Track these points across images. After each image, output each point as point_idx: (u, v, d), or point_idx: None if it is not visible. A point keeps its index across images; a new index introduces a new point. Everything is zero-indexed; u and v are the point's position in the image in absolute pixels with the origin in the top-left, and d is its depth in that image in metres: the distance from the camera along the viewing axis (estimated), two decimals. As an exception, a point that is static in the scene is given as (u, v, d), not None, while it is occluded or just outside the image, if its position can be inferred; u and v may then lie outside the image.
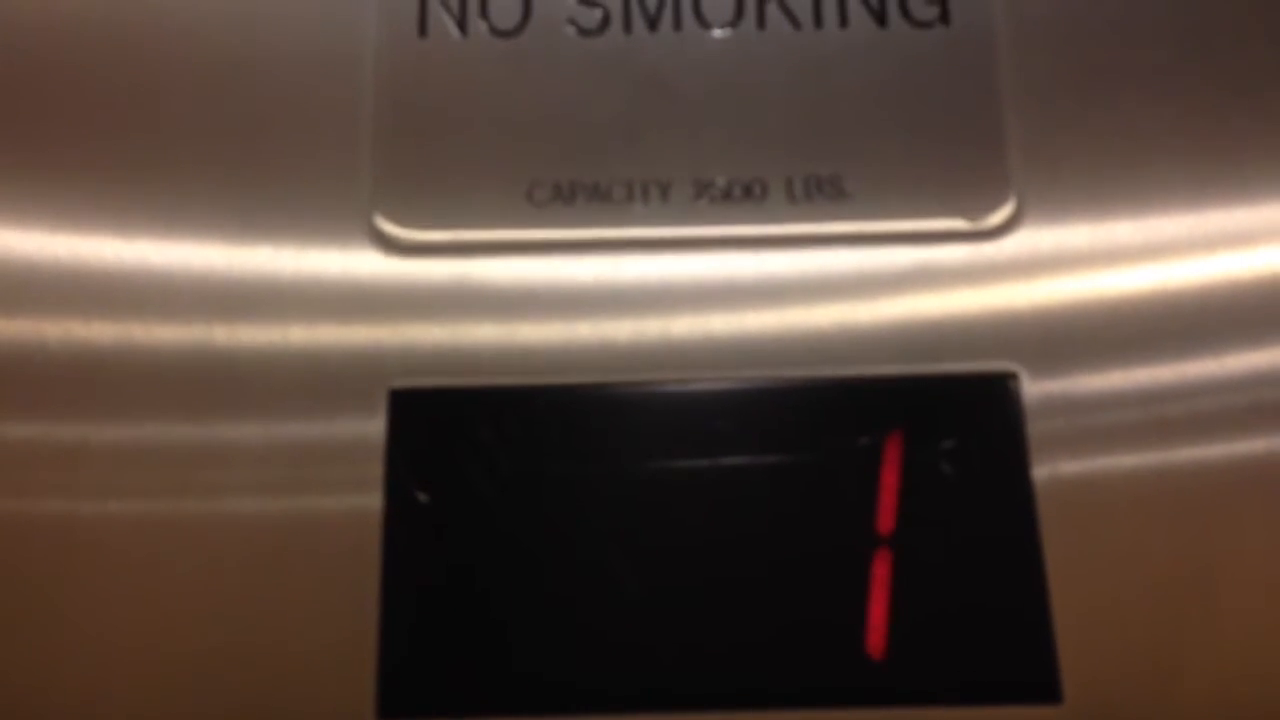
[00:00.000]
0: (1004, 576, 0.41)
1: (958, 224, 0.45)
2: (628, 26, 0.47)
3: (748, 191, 0.45)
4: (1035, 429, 0.42)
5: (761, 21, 0.47)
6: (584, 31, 0.47)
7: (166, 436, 0.42)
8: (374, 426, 0.42)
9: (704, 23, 0.47)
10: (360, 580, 0.41)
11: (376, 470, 0.42)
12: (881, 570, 0.41)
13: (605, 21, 0.47)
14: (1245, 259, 0.44)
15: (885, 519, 0.41)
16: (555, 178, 0.45)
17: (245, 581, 0.41)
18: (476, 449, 0.42)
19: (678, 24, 0.47)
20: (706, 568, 0.41)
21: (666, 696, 0.40)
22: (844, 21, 0.47)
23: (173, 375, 0.43)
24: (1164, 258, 0.44)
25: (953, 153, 0.46)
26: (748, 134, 0.46)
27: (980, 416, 0.42)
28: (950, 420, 0.42)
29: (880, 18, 0.47)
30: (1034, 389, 0.43)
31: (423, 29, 0.47)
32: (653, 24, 0.47)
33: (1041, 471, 0.42)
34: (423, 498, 0.42)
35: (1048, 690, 0.40)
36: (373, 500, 0.42)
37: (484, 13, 0.47)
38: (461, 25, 0.47)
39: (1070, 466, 0.42)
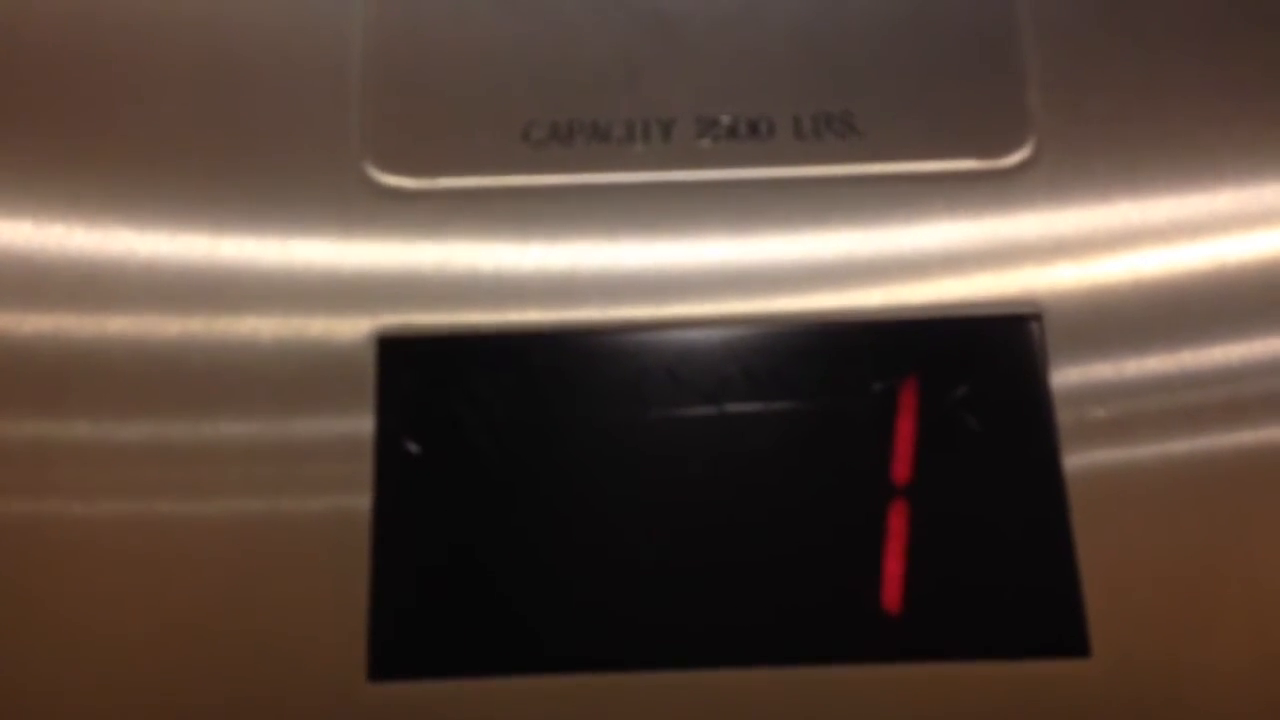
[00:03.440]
0: (1027, 527, 0.39)
1: (974, 164, 0.43)
2: (627, -41, 0.45)
3: (753, 129, 0.43)
4: (1058, 373, 0.40)
5: (768, -48, 0.45)
6: (581, -35, 0.45)
7: (153, 399, 0.40)
8: (364, 376, 0.40)
9: (707, -46, 0.45)
10: (349, 541, 0.39)
11: (367, 421, 0.40)
12: (898, 522, 0.39)
13: (603, -45, 0.45)
14: (1273, 200, 0.42)
15: (901, 468, 0.39)
16: (552, 117, 0.43)
17: (232, 546, 0.39)
18: (469, 397, 0.40)
19: (679, -44, 0.45)
20: (713, 520, 0.39)
21: (671, 655, 0.38)
22: (855, -48, 0.45)
23: (163, 327, 0.41)
24: (1189, 200, 0.42)
25: (969, 89, 0.44)
26: (753, 69, 0.44)
27: (1001, 359, 0.40)
28: (970, 364, 0.40)
29: (894, -52, 0.45)
30: (1056, 332, 0.41)
31: (413, -33, 0.45)
32: (653, -44, 0.45)
33: (1065, 416, 0.40)
34: (414, 449, 0.39)
35: (1075, 644, 0.38)
36: (363, 449, 0.40)
37: (476, -51, 0.45)
38: (453, -38, 0.45)
39: (1096, 411, 0.40)
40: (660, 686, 0.38)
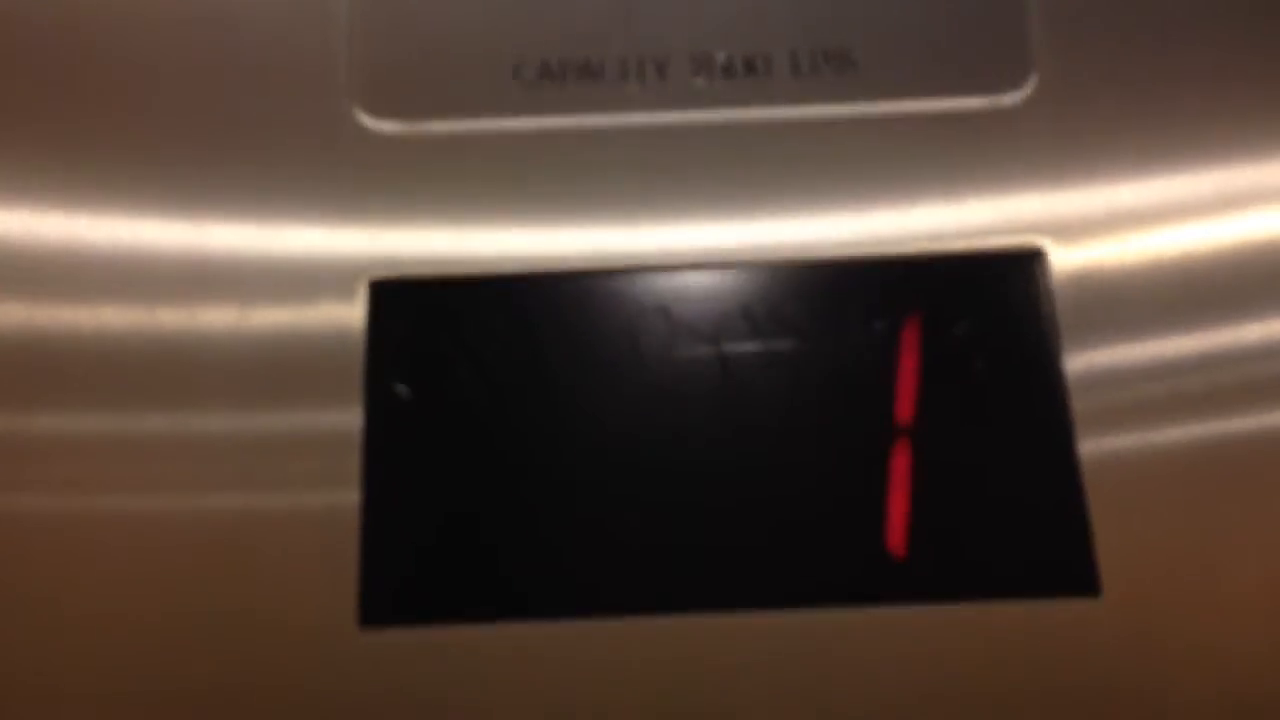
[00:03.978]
0: (1034, 465, 0.38)
1: (975, 101, 0.42)
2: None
3: (750, 67, 0.42)
4: (1062, 309, 0.39)
5: (762, -114, 0.44)
6: (570, -99, 0.44)
7: (145, 347, 0.39)
8: (354, 323, 0.39)
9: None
10: (340, 486, 0.38)
11: (356, 369, 0.39)
12: (901, 462, 0.38)
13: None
14: (1270, 135, 0.41)
15: (904, 408, 0.38)
16: (543, 56, 0.42)
17: (220, 489, 0.38)
18: (461, 342, 0.39)
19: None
20: (712, 464, 0.38)
21: (670, 598, 0.37)
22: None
23: (158, 269, 0.40)
24: (1192, 136, 0.42)
25: (969, 25, 0.43)
26: (749, 5, 0.43)
27: (1005, 295, 0.39)
28: (973, 302, 0.39)
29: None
30: (1060, 269, 0.40)
31: (398, -94, 0.44)
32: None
33: (1072, 353, 0.39)
34: (403, 393, 0.39)
35: (1084, 582, 0.37)
36: (352, 399, 0.39)
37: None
38: (439, -100, 0.44)
39: (1102, 350, 0.39)
40: (661, 631, 0.37)
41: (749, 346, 0.39)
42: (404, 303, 0.40)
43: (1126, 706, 0.36)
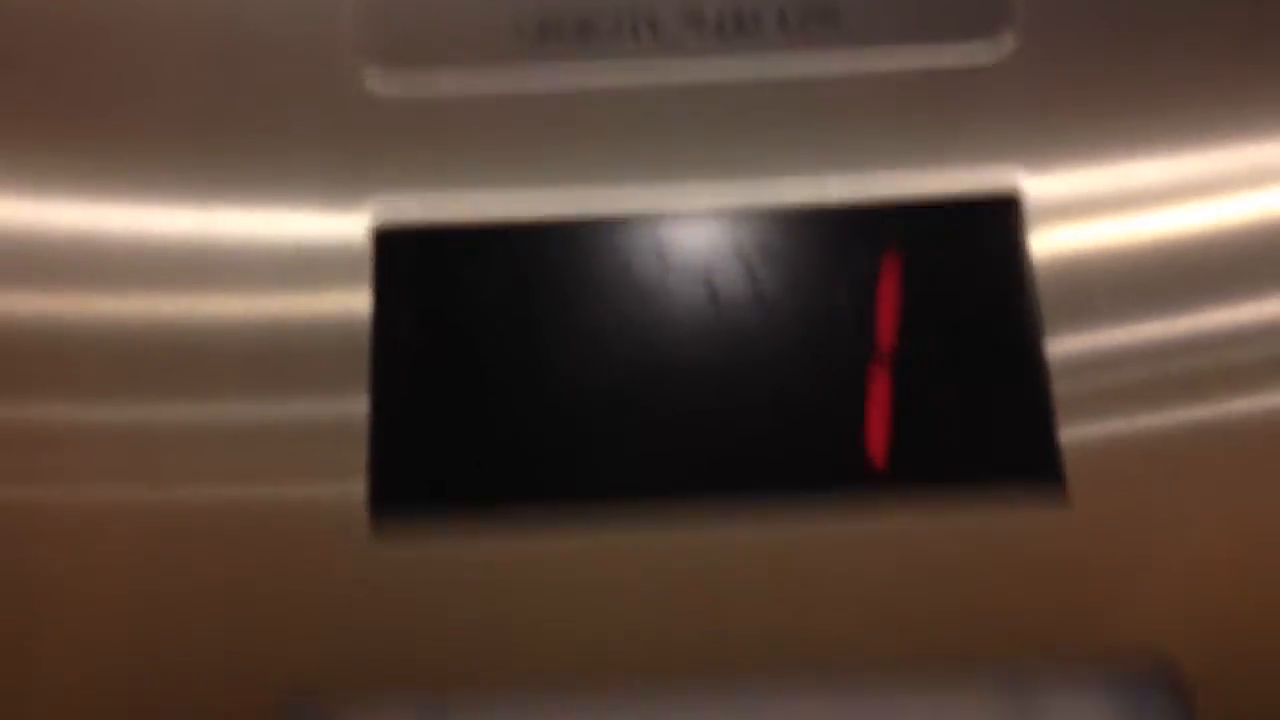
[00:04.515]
0: (1002, 372, 0.40)
1: (956, 57, 0.43)
2: None
3: (739, 22, 0.44)
4: (1036, 256, 0.41)
5: None
6: None
7: (149, 282, 0.41)
8: (361, 270, 0.41)
9: None
10: (346, 473, 0.39)
11: (366, 312, 0.41)
12: (881, 381, 0.39)
13: None
14: (1255, 104, 0.43)
15: (885, 334, 0.40)
16: (541, 15, 0.44)
17: (226, 476, 0.39)
18: (465, 288, 0.41)
19: None
20: (707, 389, 0.40)
21: (661, 482, 0.39)
22: None
23: (165, 237, 0.41)
24: (1170, 93, 0.43)
25: (952, -18, 0.44)
26: (737, -38, 0.45)
27: (979, 239, 0.41)
28: (950, 243, 0.41)
29: None
30: (1036, 211, 0.41)
31: None
32: None
33: (1046, 282, 0.40)
34: (410, 339, 0.40)
35: (1048, 471, 0.38)
36: (361, 341, 0.40)
37: None
38: None
39: (1072, 278, 0.40)
40: (650, 543, 0.38)
41: (739, 282, 0.41)
42: (409, 250, 0.41)
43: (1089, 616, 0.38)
